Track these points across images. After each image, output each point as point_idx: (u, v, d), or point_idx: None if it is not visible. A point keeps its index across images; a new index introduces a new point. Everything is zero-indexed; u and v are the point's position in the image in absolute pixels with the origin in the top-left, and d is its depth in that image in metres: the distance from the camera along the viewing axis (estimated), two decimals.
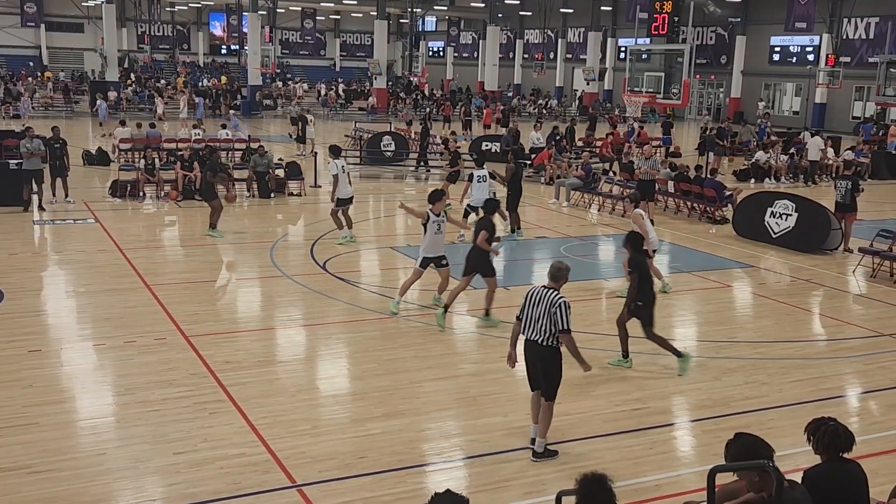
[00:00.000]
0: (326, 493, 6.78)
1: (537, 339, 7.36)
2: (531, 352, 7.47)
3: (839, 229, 16.36)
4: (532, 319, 7.38)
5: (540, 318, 7.31)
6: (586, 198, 21.19)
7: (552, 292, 7.37)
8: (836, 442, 4.95)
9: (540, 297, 7.37)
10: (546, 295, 7.35)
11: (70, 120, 39.37)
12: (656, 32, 27.65)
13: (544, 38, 62.14)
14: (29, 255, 14.85)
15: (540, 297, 7.37)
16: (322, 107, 49.74)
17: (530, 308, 7.41)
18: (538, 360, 7.43)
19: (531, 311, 7.39)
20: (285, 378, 9.26)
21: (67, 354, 9.83)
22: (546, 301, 7.31)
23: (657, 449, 7.80)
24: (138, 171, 20.64)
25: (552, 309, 7.26)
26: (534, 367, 7.51)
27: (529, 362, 7.55)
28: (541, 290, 7.43)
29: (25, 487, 6.71)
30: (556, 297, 7.31)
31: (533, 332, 7.38)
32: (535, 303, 7.37)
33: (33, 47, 66.27)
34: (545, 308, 7.29)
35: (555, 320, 7.26)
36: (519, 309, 7.54)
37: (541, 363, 7.41)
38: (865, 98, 44.35)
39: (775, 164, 26.39)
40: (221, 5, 65.69)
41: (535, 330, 7.36)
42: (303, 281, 13.18)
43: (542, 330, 7.31)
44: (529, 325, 7.40)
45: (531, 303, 7.41)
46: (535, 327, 7.35)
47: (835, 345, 11.06)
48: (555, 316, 7.25)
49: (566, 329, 7.28)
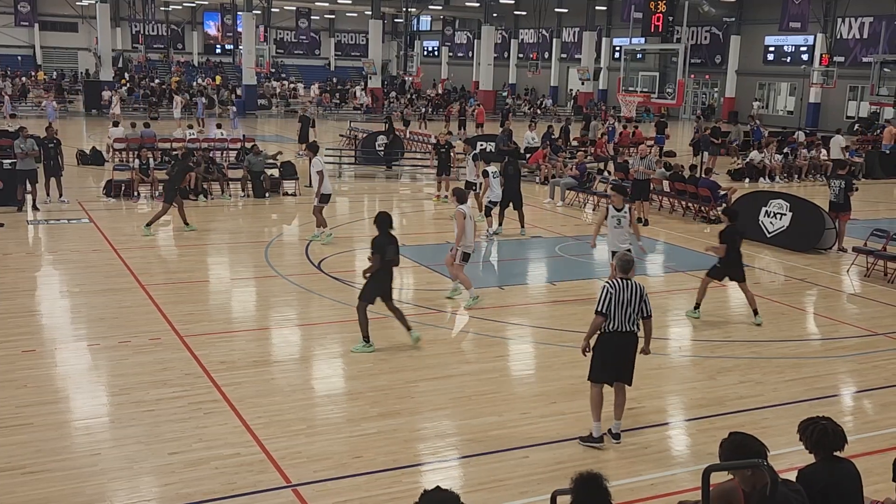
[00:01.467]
0: (321, 493, 6.77)
1: (632, 328, 7.60)
2: (624, 342, 7.63)
3: (833, 229, 16.40)
4: (625, 312, 7.53)
5: (634, 308, 7.55)
6: (581, 197, 21.21)
7: (635, 283, 7.63)
8: (825, 440, 4.97)
9: (630, 289, 7.55)
10: (634, 286, 7.58)
11: (63, 119, 39.22)
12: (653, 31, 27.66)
13: (539, 38, 62.19)
14: (23, 255, 14.81)
15: (630, 289, 7.55)
16: (317, 106, 49.69)
17: (621, 301, 7.52)
18: (631, 349, 7.66)
19: (624, 304, 7.52)
20: (280, 378, 9.25)
21: (62, 354, 9.80)
22: (637, 291, 7.57)
23: (652, 448, 7.82)
24: (132, 171, 20.59)
25: (644, 297, 7.59)
26: (623, 357, 7.65)
27: (618, 354, 7.64)
28: (623, 283, 7.58)
29: (19, 488, 6.70)
30: (643, 287, 7.67)
31: (628, 322, 7.57)
32: (628, 296, 7.53)
33: (27, 47, 66.10)
34: (638, 298, 7.55)
35: (642, 308, 7.59)
36: (600, 304, 7.55)
37: (632, 351, 7.66)
38: (859, 98, 44.44)
39: (770, 164, 26.43)
40: (216, 5, 65.53)
41: (629, 321, 7.57)
42: (298, 281, 13.17)
43: (633, 320, 7.57)
44: (622, 318, 7.54)
45: (621, 297, 7.52)
46: (631, 318, 7.57)
47: (829, 344, 11.09)
48: (644, 303, 7.60)
49: (651, 314, 7.72)
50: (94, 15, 50.63)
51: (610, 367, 7.66)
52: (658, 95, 28.12)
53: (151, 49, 69.88)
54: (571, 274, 14.49)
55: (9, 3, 61.12)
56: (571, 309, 12.19)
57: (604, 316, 7.55)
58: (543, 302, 12.79)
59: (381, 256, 9.80)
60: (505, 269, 15.03)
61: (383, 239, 9.89)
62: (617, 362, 7.65)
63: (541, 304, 12.63)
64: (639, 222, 18.51)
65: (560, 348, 10.40)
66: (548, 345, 10.60)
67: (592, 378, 7.76)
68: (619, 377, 7.70)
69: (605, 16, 58.32)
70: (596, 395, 7.74)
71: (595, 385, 7.74)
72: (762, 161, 26.46)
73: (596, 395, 7.74)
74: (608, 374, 7.70)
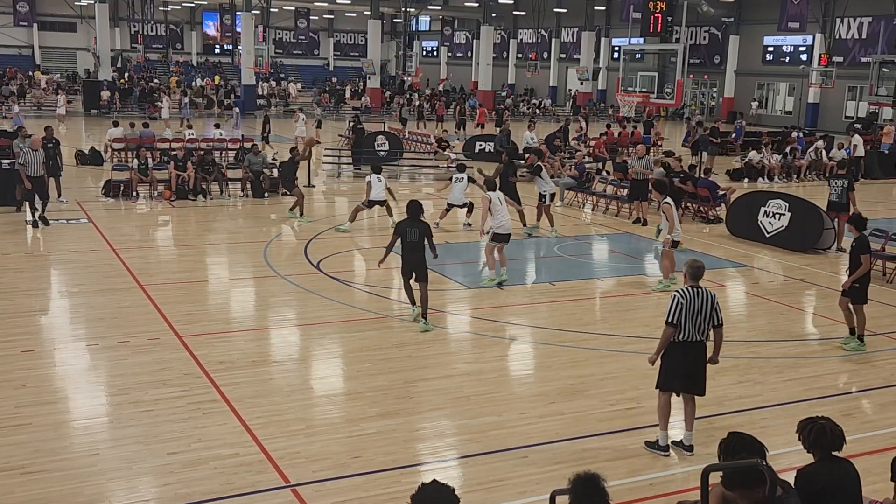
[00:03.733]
0: (320, 493, 6.77)
1: (702, 338, 7.47)
2: (697, 352, 7.49)
3: (832, 228, 16.40)
4: (695, 321, 7.38)
5: (706, 317, 7.40)
6: (580, 197, 21.21)
7: (706, 291, 7.49)
8: (822, 440, 4.97)
9: (701, 298, 7.40)
10: (704, 294, 7.43)
11: (63, 120, 39.12)
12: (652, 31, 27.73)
13: (538, 38, 62.16)
14: (22, 255, 14.81)
15: (701, 298, 7.40)
16: (316, 106, 49.67)
17: (693, 311, 7.36)
18: (701, 359, 7.52)
19: (694, 313, 7.36)
20: (279, 378, 9.25)
21: (60, 355, 9.80)
22: (708, 300, 7.40)
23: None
24: (131, 171, 20.58)
25: (715, 305, 7.43)
26: (695, 366, 7.50)
27: (687, 364, 7.48)
28: (694, 292, 7.41)
29: (18, 488, 6.69)
30: (714, 294, 7.51)
31: (697, 332, 7.42)
32: (699, 305, 7.37)
33: (26, 46, 66.06)
34: (710, 306, 7.41)
35: (713, 316, 7.43)
36: (670, 314, 7.37)
37: (702, 360, 7.53)
38: (858, 98, 44.45)
39: (769, 164, 26.45)
40: (215, 5, 65.47)
41: (699, 330, 7.43)
42: (297, 281, 13.17)
43: (703, 329, 7.44)
44: (692, 328, 7.38)
45: (693, 306, 7.36)
46: (703, 328, 7.43)
47: (828, 344, 11.09)
48: (715, 312, 7.43)
49: (722, 322, 7.54)
50: (92, 15, 50.56)
51: (680, 378, 7.51)
52: (657, 95, 28.17)
53: (150, 49, 69.90)
54: (571, 274, 14.48)
55: (8, 3, 61.07)
56: (571, 309, 12.19)
57: (674, 326, 7.37)
58: (543, 302, 12.79)
59: (401, 237, 10.88)
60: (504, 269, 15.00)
61: (404, 223, 10.90)
62: (686, 373, 7.49)
63: (540, 304, 12.63)
64: (637, 222, 18.62)
65: (559, 348, 10.40)
66: (547, 345, 10.60)
67: (661, 386, 7.62)
68: (689, 388, 7.55)
69: (604, 16, 58.34)
70: (664, 403, 7.61)
71: (664, 393, 7.60)
72: (761, 161, 26.47)
73: (664, 403, 7.61)
74: (678, 383, 7.54)
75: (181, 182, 19.99)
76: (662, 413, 7.62)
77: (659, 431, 7.65)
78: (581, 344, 10.60)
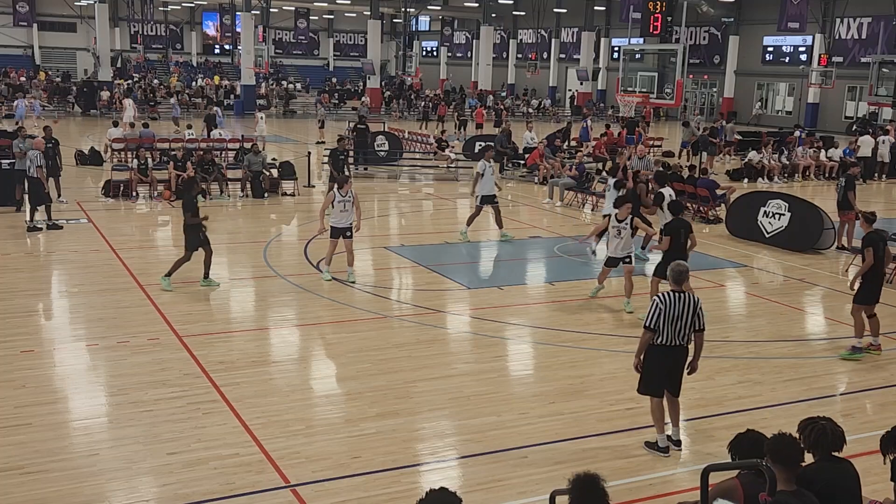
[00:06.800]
0: (320, 493, 6.77)
1: (682, 342, 7.47)
2: (678, 356, 7.52)
3: (832, 228, 16.41)
4: (676, 326, 7.37)
5: (686, 322, 7.39)
6: (580, 197, 21.22)
7: (690, 296, 7.46)
8: (823, 440, 4.98)
9: (682, 302, 7.37)
10: (687, 299, 7.40)
11: (63, 120, 39.16)
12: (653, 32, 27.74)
13: (538, 38, 62.17)
14: (21, 255, 14.80)
15: (682, 302, 7.37)
16: (319, 106, 49.63)
17: (673, 316, 7.34)
18: (679, 363, 7.56)
19: (674, 318, 7.35)
20: (279, 378, 9.24)
21: (60, 355, 9.80)
22: (690, 305, 7.39)
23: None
24: (131, 171, 20.58)
25: (697, 310, 7.42)
26: (675, 369, 7.56)
27: (670, 366, 7.52)
28: (676, 297, 7.38)
29: (17, 488, 6.69)
30: (697, 299, 7.49)
31: (679, 337, 7.42)
32: (680, 310, 7.35)
33: (26, 47, 66.03)
34: (691, 311, 7.39)
35: (694, 321, 7.42)
36: (648, 319, 7.37)
37: (680, 364, 7.57)
38: (858, 98, 44.46)
39: (768, 164, 26.45)
40: (214, 5, 65.50)
41: (682, 335, 7.43)
42: (296, 281, 13.17)
43: (684, 334, 7.43)
44: (675, 331, 7.38)
45: (674, 311, 7.34)
46: (683, 332, 7.42)
47: (828, 344, 11.09)
48: (697, 317, 7.43)
49: (704, 327, 7.55)
50: (92, 15, 50.60)
51: (657, 379, 7.56)
52: (657, 96, 28.16)
53: (150, 49, 69.90)
54: (570, 274, 14.48)
55: (7, 3, 61.09)
56: (570, 309, 12.19)
57: (652, 331, 7.39)
58: (542, 302, 12.79)
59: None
60: (504, 270, 15.01)
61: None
62: (663, 375, 7.54)
63: (540, 305, 12.63)
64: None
65: (559, 348, 10.40)
66: (546, 345, 10.60)
67: (641, 391, 7.69)
68: (667, 386, 7.61)
69: (604, 16, 58.34)
70: (656, 406, 7.63)
71: (654, 398, 7.65)
72: (760, 161, 26.47)
73: (656, 406, 7.63)
74: (656, 385, 7.59)
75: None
76: (656, 416, 7.66)
77: (656, 434, 7.67)
78: (581, 344, 10.60)
